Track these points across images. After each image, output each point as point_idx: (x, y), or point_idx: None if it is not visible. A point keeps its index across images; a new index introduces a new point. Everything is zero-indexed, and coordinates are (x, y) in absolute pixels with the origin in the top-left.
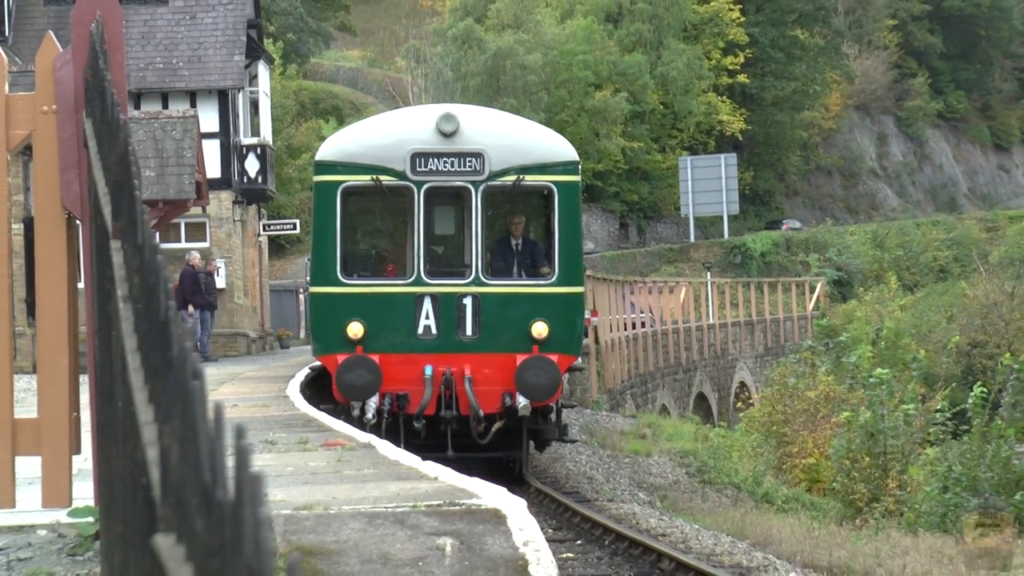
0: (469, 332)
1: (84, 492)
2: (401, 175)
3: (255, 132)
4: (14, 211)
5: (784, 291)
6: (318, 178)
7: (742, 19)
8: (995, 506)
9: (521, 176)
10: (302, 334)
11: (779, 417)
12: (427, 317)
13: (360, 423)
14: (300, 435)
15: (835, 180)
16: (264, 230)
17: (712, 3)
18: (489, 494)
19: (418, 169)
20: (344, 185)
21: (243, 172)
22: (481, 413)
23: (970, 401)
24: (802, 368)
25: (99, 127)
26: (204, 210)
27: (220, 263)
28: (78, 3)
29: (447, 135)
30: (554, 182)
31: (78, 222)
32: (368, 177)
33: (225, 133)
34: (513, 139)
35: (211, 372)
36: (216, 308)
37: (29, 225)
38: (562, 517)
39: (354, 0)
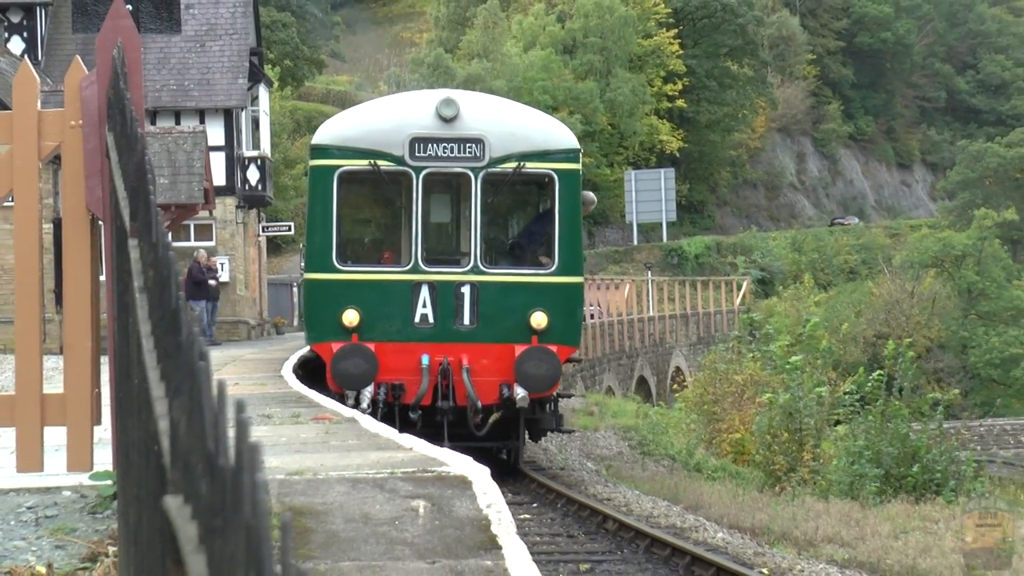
0: (467, 321)
1: (104, 458)
2: (399, 160)
3: (256, 146)
4: (45, 213)
5: (715, 288)
6: (314, 162)
7: (681, 52)
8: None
9: (522, 163)
10: (295, 322)
11: (710, 398)
12: (424, 305)
13: None
14: (293, 410)
15: (760, 192)
16: (263, 231)
17: (654, 37)
18: (457, 463)
19: (417, 154)
20: (341, 170)
21: (245, 180)
22: (479, 404)
23: (868, 386)
24: (730, 355)
25: (119, 140)
26: (211, 213)
27: (224, 259)
28: (102, 31)
29: (447, 120)
30: (555, 170)
31: (100, 223)
32: (366, 162)
33: (230, 146)
34: (514, 125)
35: (215, 354)
36: (218, 298)
37: (58, 225)
38: (520, 483)
39: (343, 31)
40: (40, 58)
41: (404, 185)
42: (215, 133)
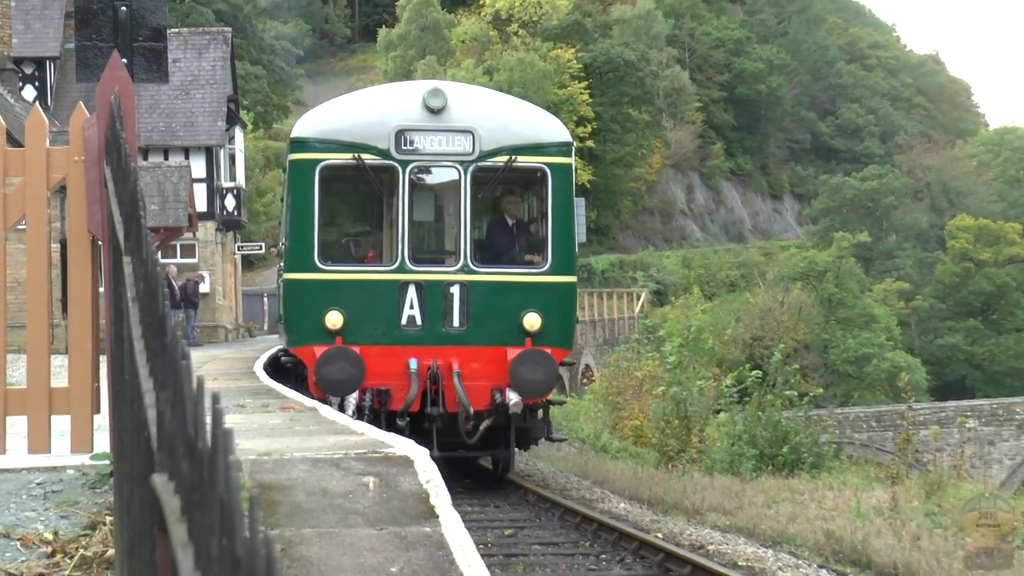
0: (456, 323)
1: (102, 442)
2: (385, 153)
3: (232, 178)
4: (52, 234)
5: (618, 299)
6: (293, 156)
7: (590, 100)
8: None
9: (513, 157)
10: (266, 327)
11: (614, 390)
12: (411, 307)
13: None
14: (263, 401)
15: (656, 218)
16: (238, 250)
17: (568, 88)
18: (401, 445)
19: (403, 147)
20: (322, 164)
21: (223, 207)
22: (471, 410)
23: (749, 381)
24: (631, 355)
25: (116, 173)
26: (194, 235)
27: (205, 273)
28: (101, 81)
29: (435, 111)
30: (547, 164)
31: (100, 243)
32: (349, 155)
33: (210, 178)
34: (504, 118)
35: (196, 355)
36: (198, 307)
37: (64, 245)
38: (455, 464)
39: (306, 82)
40: (49, 104)
41: (390, 180)
42: (198, 167)
